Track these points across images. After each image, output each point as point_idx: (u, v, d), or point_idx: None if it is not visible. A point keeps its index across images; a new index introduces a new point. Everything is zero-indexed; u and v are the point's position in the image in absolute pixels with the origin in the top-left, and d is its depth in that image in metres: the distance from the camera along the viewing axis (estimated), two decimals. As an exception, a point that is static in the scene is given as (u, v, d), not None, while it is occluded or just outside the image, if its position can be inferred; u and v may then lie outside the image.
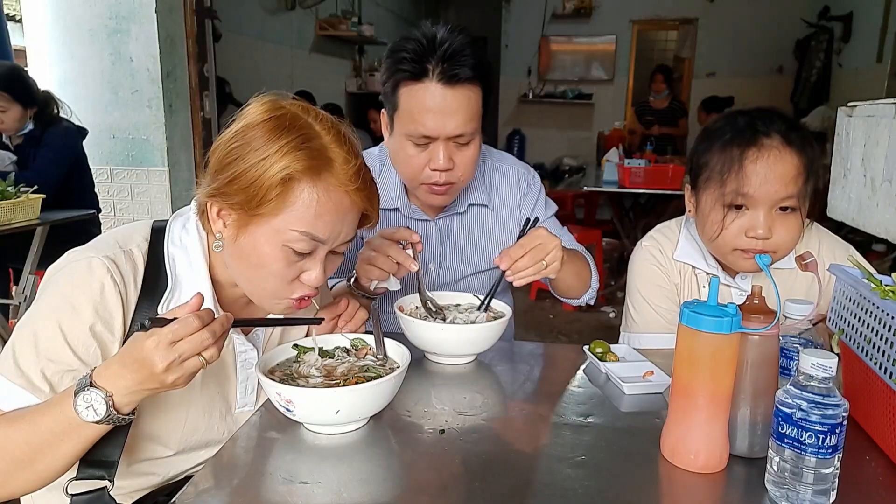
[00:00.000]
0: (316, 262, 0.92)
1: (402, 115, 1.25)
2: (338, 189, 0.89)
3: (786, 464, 0.72)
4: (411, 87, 1.23)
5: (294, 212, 0.87)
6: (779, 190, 1.14)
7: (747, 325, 0.79)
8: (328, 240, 0.90)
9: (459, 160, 1.28)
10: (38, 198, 2.67)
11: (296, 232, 0.87)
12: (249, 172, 0.85)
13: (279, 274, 0.90)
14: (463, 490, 0.77)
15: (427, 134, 1.23)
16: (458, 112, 1.22)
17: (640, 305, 1.38)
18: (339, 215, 0.90)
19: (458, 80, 1.21)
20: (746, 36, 8.09)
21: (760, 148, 1.15)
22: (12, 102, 2.83)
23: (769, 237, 1.16)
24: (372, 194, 0.95)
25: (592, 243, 4.66)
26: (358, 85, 7.12)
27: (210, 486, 0.78)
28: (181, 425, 0.98)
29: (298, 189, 0.86)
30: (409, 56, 1.22)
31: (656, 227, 1.45)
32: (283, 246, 0.88)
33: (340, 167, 0.89)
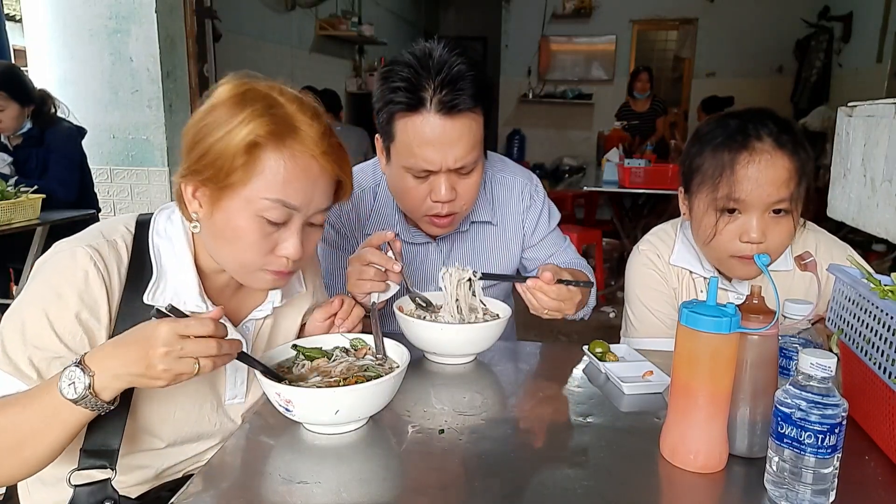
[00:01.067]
0: (292, 232, 0.92)
1: (400, 148, 1.19)
2: (304, 154, 0.89)
3: (785, 464, 0.72)
4: (408, 118, 1.16)
5: (262, 179, 0.87)
6: (771, 193, 1.13)
7: (746, 325, 0.79)
8: (301, 207, 0.90)
9: (462, 189, 1.23)
10: (38, 198, 2.67)
11: (266, 200, 0.88)
12: (216, 146, 0.87)
13: (255, 246, 0.90)
14: (462, 490, 0.77)
15: (427, 168, 1.18)
16: (459, 143, 1.16)
17: (640, 311, 1.37)
18: (308, 181, 0.90)
19: (458, 110, 1.14)
20: (746, 36, 8.08)
21: (752, 152, 1.14)
22: (9, 101, 2.83)
23: (763, 241, 1.15)
24: (342, 159, 0.95)
25: (592, 243, 4.66)
26: (358, 85, 7.12)
27: (210, 486, 0.78)
28: (171, 416, 0.98)
29: (265, 156, 0.87)
30: (404, 85, 1.15)
31: (652, 230, 1.43)
32: (256, 216, 0.89)
33: (305, 131, 0.90)
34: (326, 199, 0.94)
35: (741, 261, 1.18)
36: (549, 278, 1.12)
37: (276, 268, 0.93)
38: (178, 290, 0.95)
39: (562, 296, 1.14)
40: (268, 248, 0.91)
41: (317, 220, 0.96)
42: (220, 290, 1.02)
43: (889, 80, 5.91)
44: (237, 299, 1.05)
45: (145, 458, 0.99)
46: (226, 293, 1.03)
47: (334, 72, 6.87)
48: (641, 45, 8.80)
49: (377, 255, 1.12)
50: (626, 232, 5.17)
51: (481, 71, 1.18)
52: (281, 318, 1.12)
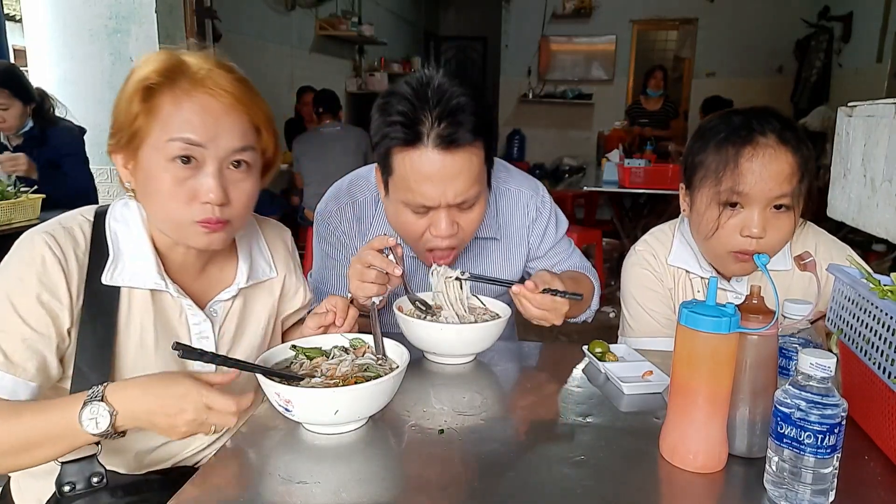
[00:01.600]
0: (206, 173, 0.91)
1: (398, 182, 1.16)
2: (201, 91, 0.90)
3: (785, 464, 0.72)
4: (405, 153, 1.12)
5: (162, 122, 0.90)
6: (773, 188, 1.14)
7: (746, 325, 0.79)
8: (205, 142, 0.90)
9: (464, 223, 1.19)
10: (38, 198, 2.67)
11: (170, 141, 0.89)
12: (119, 105, 0.93)
13: (173, 194, 0.90)
14: (462, 490, 0.77)
15: (426, 204, 1.14)
16: (458, 177, 1.12)
17: (635, 310, 1.38)
18: (209, 117, 0.90)
19: (457, 145, 1.10)
20: (746, 36, 8.08)
21: (756, 146, 1.14)
22: (13, 99, 2.83)
23: (763, 236, 1.16)
24: (251, 101, 0.95)
25: (592, 243, 4.66)
26: (358, 85, 7.13)
27: (209, 486, 0.78)
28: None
29: (161, 99, 0.90)
30: (401, 119, 1.11)
31: (650, 230, 1.43)
32: (166, 162, 0.90)
33: (196, 68, 0.91)
34: (238, 138, 0.93)
35: (739, 257, 1.19)
36: (531, 287, 1.11)
37: (202, 216, 0.92)
38: (136, 269, 0.97)
39: (545, 305, 1.12)
40: (187, 194, 0.91)
41: (236, 157, 0.94)
42: (181, 268, 1.03)
43: (889, 80, 5.91)
44: (203, 280, 1.06)
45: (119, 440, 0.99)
46: (188, 272, 1.04)
47: (334, 72, 6.87)
48: (641, 45, 8.80)
49: (378, 259, 1.10)
50: (626, 232, 5.17)
51: (481, 102, 1.15)
52: (251, 300, 1.12)
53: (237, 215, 0.96)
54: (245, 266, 1.10)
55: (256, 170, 0.98)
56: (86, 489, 0.92)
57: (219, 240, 0.96)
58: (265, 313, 1.14)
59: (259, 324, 1.13)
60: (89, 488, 0.92)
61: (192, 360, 0.83)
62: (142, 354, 0.98)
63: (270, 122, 1.00)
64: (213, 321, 1.05)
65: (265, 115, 0.99)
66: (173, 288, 0.99)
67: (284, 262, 1.19)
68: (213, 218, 0.92)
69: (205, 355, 0.84)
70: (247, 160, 0.95)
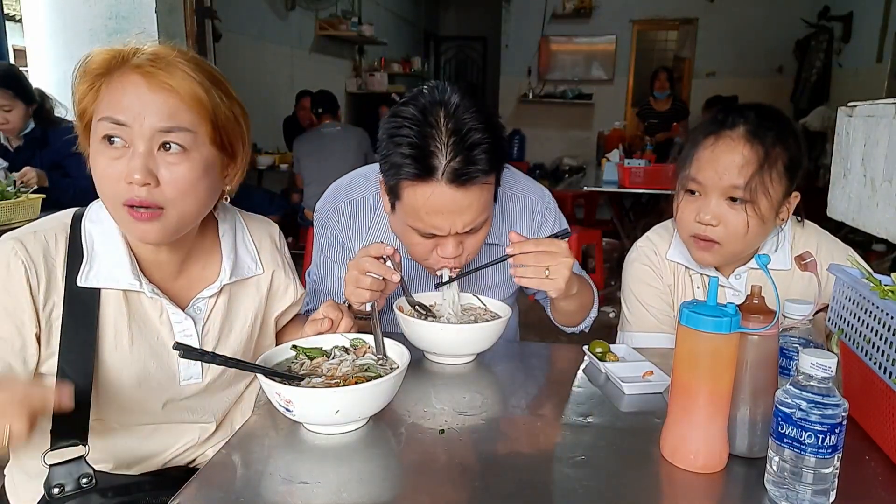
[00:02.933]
0: (132, 153, 0.88)
1: (407, 209, 1.13)
2: (127, 69, 0.89)
3: (785, 463, 0.72)
4: (417, 187, 1.08)
5: (99, 106, 0.90)
6: (724, 178, 1.17)
7: (747, 325, 0.79)
8: (129, 122, 0.87)
9: (469, 244, 1.19)
10: (38, 198, 2.67)
11: (99, 121, 0.89)
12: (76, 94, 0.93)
13: (103, 175, 0.89)
14: (462, 490, 0.77)
15: (434, 233, 1.14)
16: (469, 210, 1.11)
17: (633, 305, 1.39)
18: (135, 96, 0.88)
19: (470, 182, 1.07)
20: (746, 36, 8.09)
21: (718, 137, 1.19)
22: (15, 100, 2.83)
23: (715, 224, 1.19)
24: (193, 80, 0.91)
25: (592, 243, 4.66)
26: (358, 85, 7.13)
27: (210, 486, 0.78)
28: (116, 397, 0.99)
29: (102, 87, 0.90)
30: (413, 153, 1.06)
31: (653, 228, 1.45)
32: (97, 143, 0.90)
33: (132, 50, 0.91)
34: (164, 117, 0.89)
35: (697, 243, 1.23)
36: (515, 237, 1.12)
37: (126, 197, 0.88)
38: (112, 270, 0.96)
39: (541, 247, 1.10)
40: (116, 174, 0.88)
41: (167, 143, 0.90)
42: (157, 266, 1.02)
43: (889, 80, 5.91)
44: (184, 278, 1.05)
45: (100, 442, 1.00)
46: (167, 270, 1.03)
47: (334, 72, 6.88)
48: (641, 45, 8.80)
49: (375, 265, 1.09)
50: (626, 232, 5.17)
51: (497, 133, 1.12)
52: (236, 297, 1.11)
53: (171, 201, 0.90)
54: (228, 262, 1.08)
55: (198, 156, 0.92)
56: (75, 490, 0.92)
57: (154, 230, 0.91)
58: (252, 310, 1.13)
59: (245, 321, 1.12)
60: (78, 489, 0.92)
61: (193, 359, 0.83)
62: (118, 356, 0.98)
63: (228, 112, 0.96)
64: (196, 319, 1.04)
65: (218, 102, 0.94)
66: (148, 288, 0.98)
67: (271, 257, 1.17)
68: (136, 199, 0.88)
69: (205, 355, 0.84)
70: (178, 142, 0.90)
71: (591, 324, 1.46)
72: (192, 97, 0.91)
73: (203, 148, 0.93)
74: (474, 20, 10.40)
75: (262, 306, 1.15)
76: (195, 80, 0.91)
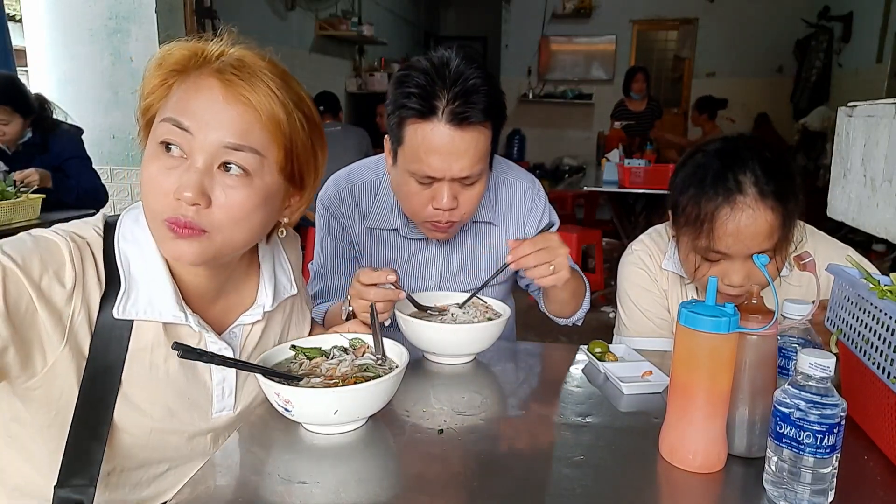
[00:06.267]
0: (188, 167, 0.79)
1: (407, 152, 1.20)
2: (206, 71, 0.81)
3: (784, 463, 0.72)
4: (418, 125, 1.16)
5: (167, 105, 0.82)
6: (751, 247, 1.11)
7: (745, 325, 0.79)
8: (194, 129, 0.79)
9: (463, 199, 1.24)
10: (38, 198, 2.68)
11: (162, 121, 0.80)
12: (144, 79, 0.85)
13: (151, 183, 0.80)
14: (461, 490, 0.77)
15: (432, 175, 1.18)
16: (465, 154, 1.17)
17: (630, 309, 1.38)
18: (208, 103, 0.79)
19: (468, 122, 1.15)
20: (746, 36, 8.09)
21: (733, 206, 1.10)
22: (13, 114, 2.82)
23: (744, 284, 1.13)
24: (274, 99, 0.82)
25: (592, 243, 4.66)
26: (358, 85, 7.12)
27: (208, 486, 0.78)
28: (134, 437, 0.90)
29: (175, 85, 0.82)
30: (418, 91, 1.15)
31: (647, 231, 1.44)
32: (154, 146, 0.81)
33: (218, 52, 0.83)
34: (233, 133, 0.80)
35: (728, 298, 1.17)
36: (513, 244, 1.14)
37: (170, 214, 0.79)
38: (152, 299, 0.86)
39: (538, 244, 1.13)
40: (166, 187, 0.79)
41: (228, 164, 0.81)
42: (201, 294, 0.93)
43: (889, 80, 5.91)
44: (221, 304, 0.98)
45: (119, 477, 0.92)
46: (206, 298, 0.95)
47: (334, 72, 6.87)
48: (641, 45, 8.80)
49: (381, 294, 1.09)
50: (626, 232, 5.17)
51: (495, 86, 1.19)
52: (270, 323, 1.05)
53: (219, 226, 0.81)
54: (270, 287, 1.01)
55: (261, 183, 0.83)
56: None
57: (192, 251, 0.81)
58: (279, 330, 1.06)
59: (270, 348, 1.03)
60: None
61: (192, 360, 0.81)
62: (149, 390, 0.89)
63: (307, 140, 0.87)
64: (233, 346, 0.97)
65: (298, 127, 0.85)
66: (194, 320, 0.89)
67: (298, 273, 1.11)
68: (181, 219, 0.79)
69: (204, 355, 0.82)
70: (242, 164, 0.81)
71: (583, 316, 1.46)
72: (271, 117, 0.82)
73: (268, 175, 0.84)
74: (474, 20, 10.39)
75: (284, 331, 1.08)
76: (278, 98, 0.82)
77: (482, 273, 1.45)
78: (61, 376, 0.82)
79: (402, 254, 1.43)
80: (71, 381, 0.83)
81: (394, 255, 1.44)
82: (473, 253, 1.45)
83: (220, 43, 0.84)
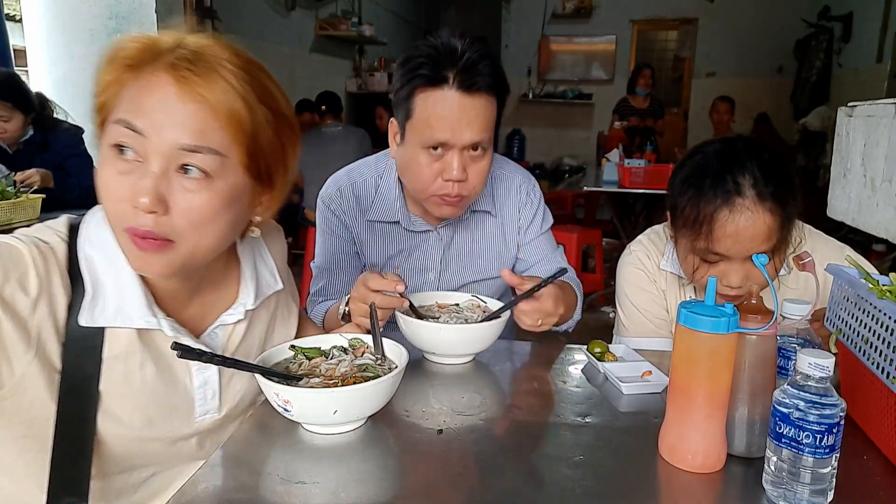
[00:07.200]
0: (144, 172, 0.74)
1: (417, 123, 1.22)
2: (159, 66, 0.75)
3: (783, 463, 0.72)
4: (429, 93, 1.20)
5: (119, 105, 0.76)
6: (750, 249, 1.11)
7: (745, 325, 0.79)
8: (146, 131, 0.74)
9: (472, 172, 1.26)
10: (38, 198, 2.67)
11: (114, 123, 0.75)
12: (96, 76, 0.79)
13: (106, 190, 0.75)
14: (461, 490, 0.77)
15: (443, 141, 1.21)
16: (475, 121, 1.21)
17: (629, 310, 1.38)
18: (161, 102, 0.74)
19: (476, 89, 1.20)
20: (746, 36, 8.09)
21: (732, 209, 1.10)
22: (14, 111, 2.82)
23: (743, 285, 1.14)
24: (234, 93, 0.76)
25: (592, 243, 4.66)
26: (358, 85, 7.13)
27: (207, 486, 0.78)
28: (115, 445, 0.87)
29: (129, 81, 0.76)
30: (428, 62, 1.20)
31: (645, 231, 1.44)
32: (107, 149, 0.76)
33: (173, 43, 0.77)
34: (189, 133, 0.74)
35: (727, 298, 1.17)
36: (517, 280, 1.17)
37: (129, 222, 0.75)
38: (121, 305, 0.82)
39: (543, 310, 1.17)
40: (122, 192, 0.74)
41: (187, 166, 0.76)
42: (174, 297, 0.89)
43: (889, 80, 5.92)
44: (198, 304, 0.93)
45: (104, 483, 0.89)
46: (180, 299, 0.90)
47: (334, 72, 6.87)
48: (641, 45, 8.81)
49: (385, 300, 1.09)
50: (626, 232, 5.17)
51: (498, 64, 1.25)
52: (254, 320, 1.01)
53: (181, 233, 0.77)
54: (252, 285, 0.97)
55: (224, 185, 0.78)
56: None
57: (158, 264, 0.77)
58: (264, 330, 1.03)
59: (262, 343, 1.03)
60: None
61: (192, 360, 0.81)
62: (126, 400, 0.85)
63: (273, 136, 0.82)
64: (213, 348, 0.94)
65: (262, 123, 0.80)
66: (167, 325, 0.85)
67: (283, 267, 1.07)
68: (139, 229, 0.75)
69: (203, 355, 0.81)
70: (200, 166, 0.76)
71: (573, 325, 1.46)
72: (230, 115, 0.76)
73: (231, 176, 0.79)
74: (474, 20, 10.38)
75: (270, 330, 1.05)
76: (238, 93, 0.77)
77: (481, 263, 1.48)
78: (31, 387, 0.78)
79: (403, 246, 1.45)
80: (42, 393, 0.79)
81: (395, 247, 1.45)
82: (472, 243, 1.48)
83: (177, 33, 0.79)
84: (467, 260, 1.48)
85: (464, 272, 1.48)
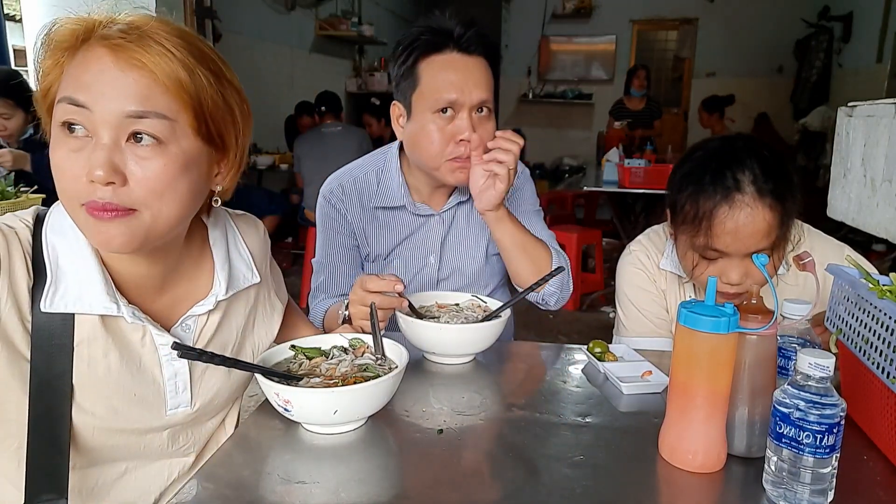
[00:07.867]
0: (95, 144, 0.74)
1: (425, 89, 1.28)
2: (93, 42, 0.75)
3: (783, 463, 0.72)
4: (433, 57, 1.28)
5: (61, 86, 0.77)
6: (750, 245, 1.11)
7: (745, 325, 0.79)
8: (90, 104, 0.73)
9: (481, 133, 1.30)
10: (38, 198, 2.67)
11: (58, 102, 0.75)
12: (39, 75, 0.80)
13: (60, 170, 0.75)
14: (461, 490, 0.77)
15: (452, 100, 1.26)
16: (480, 79, 1.29)
17: (629, 310, 1.38)
18: (100, 73, 0.74)
19: (475, 51, 1.29)
20: (746, 36, 8.09)
21: (731, 205, 1.10)
22: (16, 109, 2.82)
23: (742, 282, 1.14)
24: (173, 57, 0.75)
25: (592, 243, 4.66)
26: (358, 85, 7.13)
27: (207, 486, 0.78)
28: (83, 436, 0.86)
29: (65, 63, 0.77)
30: (426, 32, 1.28)
31: (645, 231, 1.45)
32: (56, 129, 0.76)
33: (104, 20, 0.77)
34: (133, 100, 0.74)
35: (727, 297, 1.17)
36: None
37: (87, 198, 0.74)
38: (82, 291, 0.82)
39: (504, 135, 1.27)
40: (76, 171, 0.74)
41: (138, 133, 0.75)
42: (140, 284, 0.88)
43: (889, 80, 5.92)
44: (169, 295, 0.92)
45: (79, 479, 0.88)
46: (148, 288, 0.89)
47: (334, 72, 6.88)
48: (641, 45, 8.81)
49: (386, 300, 1.10)
50: (626, 232, 5.16)
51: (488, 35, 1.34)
52: (229, 314, 0.99)
53: (143, 202, 0.76)
54: (223, 274, 0.96)
55: (177, 149, 0.78)
56: None
57: (121, 234, 0.76)
58: (241, 323, 1.01)
59: (239, 335, 1.01)
60: None
61: (191, 359, 0.81)
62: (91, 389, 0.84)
63: (217, 97, 0.81)
64: (185, 339, 0.93)
65: (204, 84, 0.79)
66: (128, 311, 0.84)
67: (262, 261, 1.06)
68: (97, 202, 0.74)
69: (203, 355, 0.80)
70: (151, 132, 0.75)
71: (560, 297, 1.42)
72: (170, 77, 0.76)
73: (184, 140, 0.78)
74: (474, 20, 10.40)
75: (249, 324, 1.03)
76: (175, 56, 0.76)
77: (480, 249, 1.49)
78: None
79: (406, 231, 1.46)
80: (11, 382, 0.79)
81: (398, 234, 1.46)
82: (470, 226, 1.50)
83: (109, 11, 0.79)
84: (465, 241, 1.50)
85: (462, 254, 1.50)
